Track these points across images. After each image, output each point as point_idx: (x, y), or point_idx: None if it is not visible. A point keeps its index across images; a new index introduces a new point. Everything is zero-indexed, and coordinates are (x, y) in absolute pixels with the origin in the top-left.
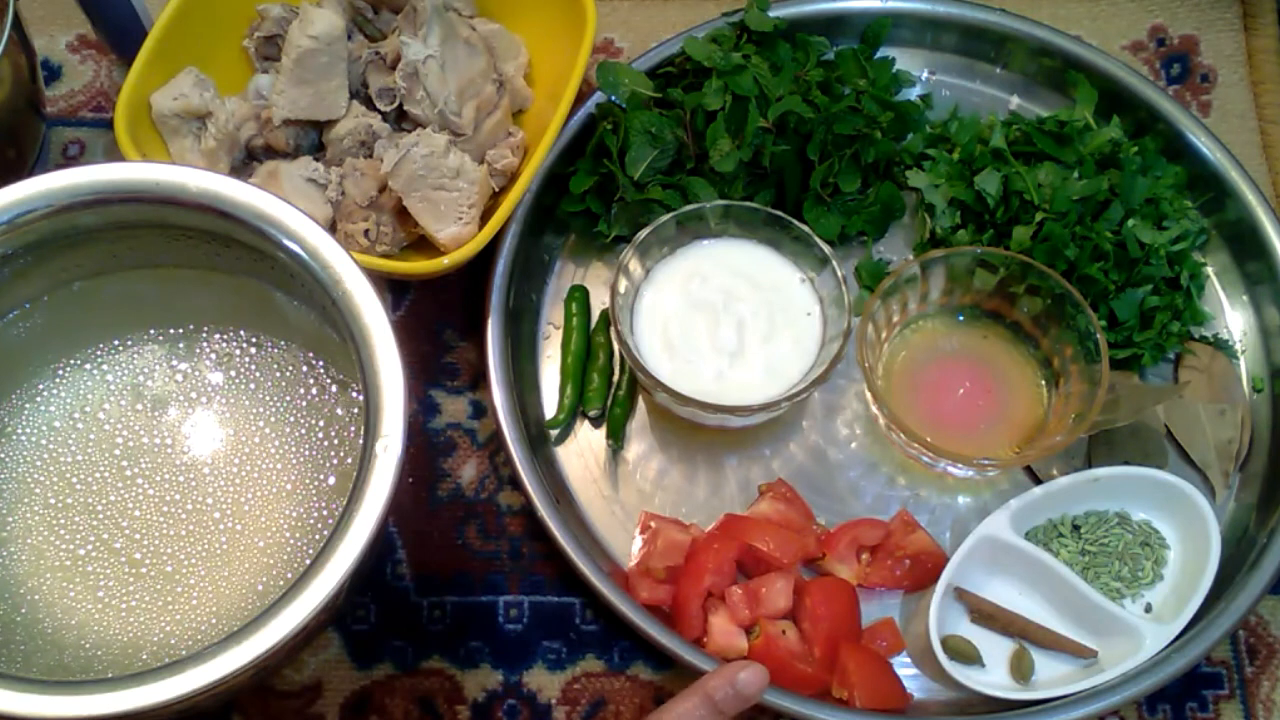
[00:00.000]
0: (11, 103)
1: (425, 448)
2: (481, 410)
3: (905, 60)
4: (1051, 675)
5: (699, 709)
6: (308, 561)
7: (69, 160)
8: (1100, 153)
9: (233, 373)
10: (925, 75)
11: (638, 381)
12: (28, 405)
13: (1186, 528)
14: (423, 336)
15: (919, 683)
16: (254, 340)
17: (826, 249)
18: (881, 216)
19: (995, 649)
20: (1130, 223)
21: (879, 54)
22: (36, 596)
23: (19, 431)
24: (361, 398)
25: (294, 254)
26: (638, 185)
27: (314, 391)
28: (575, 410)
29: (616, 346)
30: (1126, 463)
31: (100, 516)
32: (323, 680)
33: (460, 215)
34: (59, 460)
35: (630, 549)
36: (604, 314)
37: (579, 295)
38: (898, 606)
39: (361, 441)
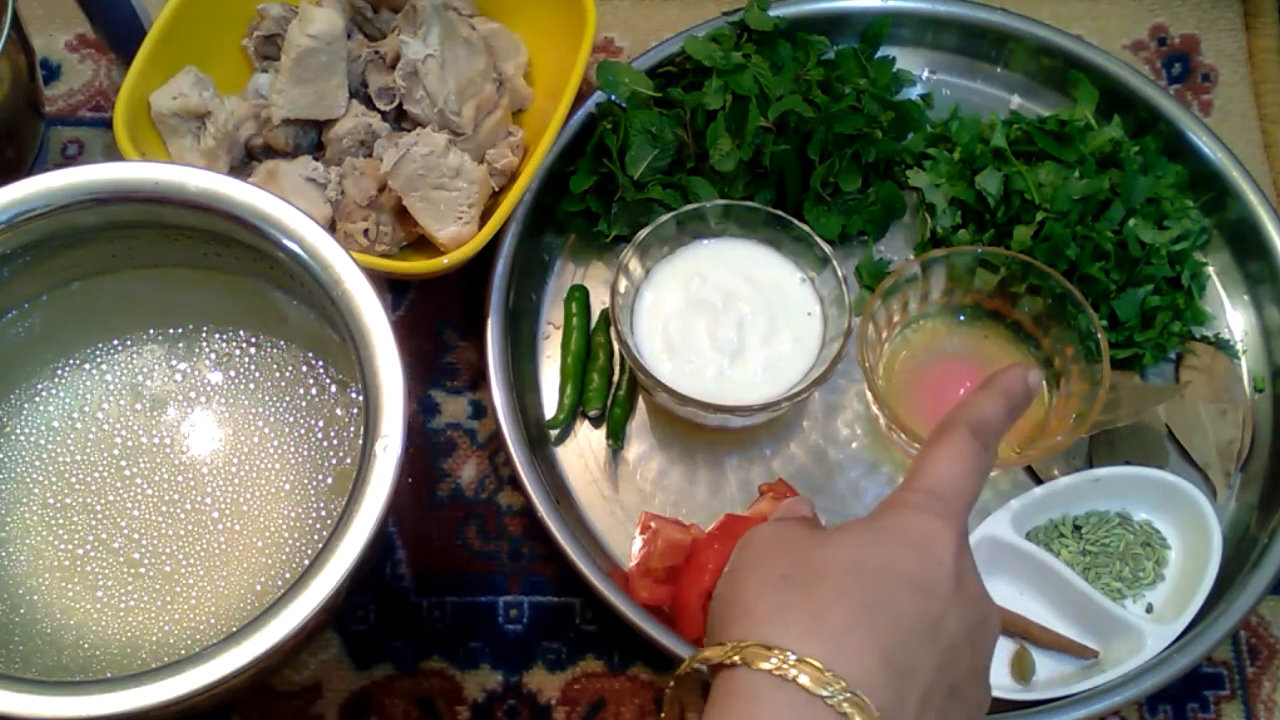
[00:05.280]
0: (10, 102)
1: (425, 448)
2: (481, 410)
3: (905, 60)
4: (1052, 675)
5: (998, 405)
6: (307, 562)
7: (68, 160)
8: (1101, 152)
9: (232, 373)
10: (925, 75)
11: (638, 381)
12: (26, 405)
13: (1188, 528)
14: (423, 336)
15: None
16: (253, 340)
17: (827, 249)
18: (882, 216)
19: (996, 649)
20: (1131, 222)
21: (879, 53)
22: (35, 596)
23: (18, 431)
24: (361, 398)
25: (294, 254)
26: (638, 185)
27: (313, 391)
28: (575, 410)
29: (616, 346)
30: (1128, 463)
31: (99, 516)
32: (322, 681)
33: (460, 215)
34: (58, 460)
35: (630, 549)
36: (604, 314)
37: (579, 295)
38: None
39: (361, 442)
